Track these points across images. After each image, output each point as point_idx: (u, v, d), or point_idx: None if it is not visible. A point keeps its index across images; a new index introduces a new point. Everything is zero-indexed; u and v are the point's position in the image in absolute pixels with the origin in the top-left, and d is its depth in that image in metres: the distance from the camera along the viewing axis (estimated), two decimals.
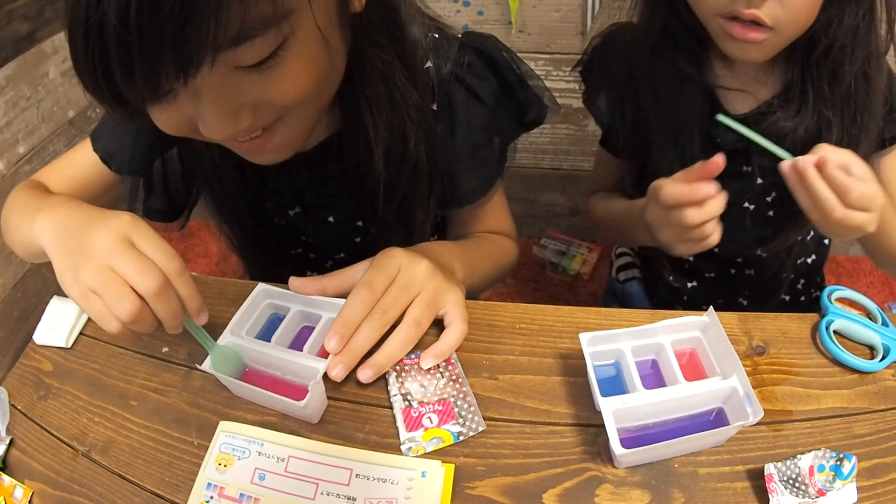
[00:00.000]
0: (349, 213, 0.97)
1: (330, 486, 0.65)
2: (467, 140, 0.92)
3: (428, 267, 0.78)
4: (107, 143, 0.96)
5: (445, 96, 0.89)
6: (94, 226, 0.68)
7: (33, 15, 2.02)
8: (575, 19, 1.73)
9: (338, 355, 0.72)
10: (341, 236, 1.01)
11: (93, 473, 0.72)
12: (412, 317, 0.75)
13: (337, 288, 0.80)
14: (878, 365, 0.74)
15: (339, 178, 0.92)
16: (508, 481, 0.65)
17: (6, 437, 0.78)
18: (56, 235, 0.73)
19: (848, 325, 0.78)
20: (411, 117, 0.84)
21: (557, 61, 1.79)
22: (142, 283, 0.65)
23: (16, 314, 2.04)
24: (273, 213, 0.99)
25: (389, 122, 0.83)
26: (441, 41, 0.89)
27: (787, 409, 0.70)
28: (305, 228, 1.03)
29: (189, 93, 0.62)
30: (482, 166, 0.96)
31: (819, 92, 0.89)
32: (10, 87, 1.96)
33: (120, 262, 0.65)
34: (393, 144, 0.84)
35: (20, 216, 0.83)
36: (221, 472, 0.67)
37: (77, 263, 0.67)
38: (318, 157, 0.90)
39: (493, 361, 0.76)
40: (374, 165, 0.85)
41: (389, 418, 0.72)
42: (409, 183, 0.89)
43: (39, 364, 0.86)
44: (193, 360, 0.80)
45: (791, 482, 0.62)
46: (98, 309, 0.66)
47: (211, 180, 0.94)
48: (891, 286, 2.09)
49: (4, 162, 1.97)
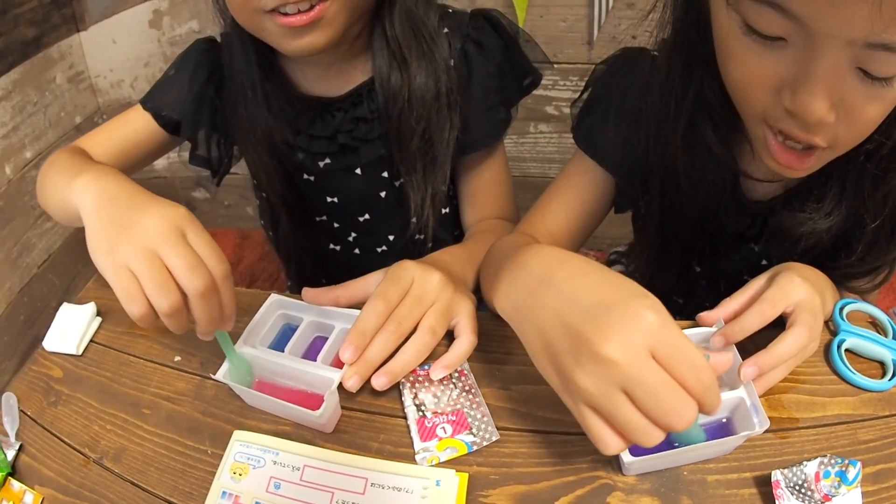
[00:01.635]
0: (376, 158, 1.04)
1: (345, 494, 0.66)
2: (479, 87, 1.02)
3: (441, 279, 0.79)
4: (158, 103, 1.05)
5: (461, 51, 1.01)
6: (146, 206, 0.68)
7: (40, 20, 2.04)
8: (581, 29, 1.75)
9: (353, 365, 0.73)
10: (367, 191, 1.08)
11: (105, 481, 0.73)
12: (427, 325, 0.76)
13: (350, 298, 0.81)
14: (888, 384, 0.74)
15: (369, 119, 1.01)
16: (521, 490, 0.66)
17: (15, 443, 0.78)
18: (97, 200, 0.73)
19: (859, 343, 0.77)
20: (437, 63, 0.96)
21: (564, 70, 1.82)
22: (190, 282, 0.65)
23: (22, 318, 2.06)
24: (305, 165, 1.06)
25: (419, 65, 0.95)
26: (453, 13, 1.03)
27: (794, 417, 0.71)
28: (333, 184, 1.08)
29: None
30: (491, 114, 1.04)
31: (859, 192, 0.78)
32: (17, 91, 1.99)
33: (171, 253, 0.65)
34: (422, 84, 0.96)
35: (59, 175, 0.85)
36: (237, 480, 0.68)
37: (117, 235, 0.67)
38: (352, 100, 1.01)
39: (506, 372, 0.77)
40: (404, 103, 0.96)
41: (403, 428, 0.73)
42: (433, 118, 0.98)
43: (49, 370, 0.87)
44: (206, 370, 0.81)
45: (797, 488, 0.62)
46: (127, 287, 0.65)
47: (248, 134, 1.00)
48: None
49: (11, 167, 2.00)
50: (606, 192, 0.99)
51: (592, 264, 0.63)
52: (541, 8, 1.74)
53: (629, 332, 0.54)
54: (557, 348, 0.59)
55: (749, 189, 0.88)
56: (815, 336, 0.71)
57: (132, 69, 2.24)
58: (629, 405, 0.54)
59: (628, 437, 0.55)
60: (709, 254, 0.94)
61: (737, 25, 0.62)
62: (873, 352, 0.77)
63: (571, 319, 0.57)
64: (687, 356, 0.53)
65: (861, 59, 0.56)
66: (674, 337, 0.54)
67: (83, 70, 2.27)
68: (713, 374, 0.55)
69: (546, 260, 0.66)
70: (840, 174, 0.77)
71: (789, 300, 0.69)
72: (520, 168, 2.07)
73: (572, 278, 0.61)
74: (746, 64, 0.64)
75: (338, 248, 1.17)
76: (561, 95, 1.86)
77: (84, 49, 2.24)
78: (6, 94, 1.95)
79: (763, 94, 0.65)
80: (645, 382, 0.53)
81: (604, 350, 0.53)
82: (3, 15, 1.89)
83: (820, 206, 0.79)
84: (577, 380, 0.56)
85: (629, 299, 0.56)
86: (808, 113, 0.60)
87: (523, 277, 0.66)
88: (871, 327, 0.80)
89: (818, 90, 0.59)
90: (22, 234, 2.06)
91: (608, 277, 0.60)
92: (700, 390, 0.54)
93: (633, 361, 0.53)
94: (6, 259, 1.99)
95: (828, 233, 0.80)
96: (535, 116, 1.95)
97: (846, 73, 0.58)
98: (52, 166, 0.91)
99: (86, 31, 2.20)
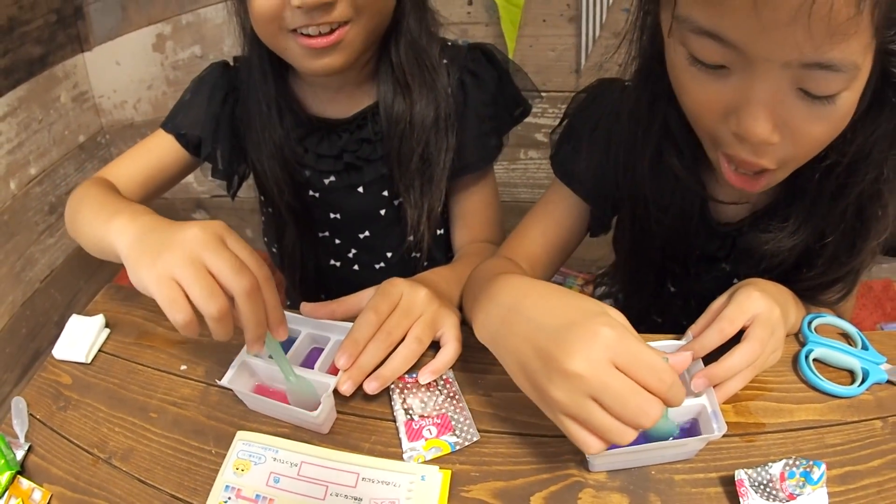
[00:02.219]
0: (378, 177, 1.10)
1: (338, 487, 0.71)
2: (474, 114, 1.08)
3: (427, 294, 0.85)
4: (178, 124, 1.12)
5: (459, 80, 1.07)
6: (184, 226, 0.71)
7: (46, 39, 2.07)
8: (569, 58, 1.79)
9: (347, 371, 0.78)
10: (368, 208, 1.14)
11: (112, 478, 0.77)
12: (414, 335, 0.81)
13: (345, 312, 0.87)
14: (857, 390, 0.77)
15: (372, 141, 1.07)
16: (500, 485, 0.71)
17: (24, 444, 0.82)
18: (136, 235, 0.76)
19: (827, 353, 0.81)
20: (437, 91, 1.03)
21: (553, 98, 1.86)
22: (237, 283, 0.67)
23: (24, 331, 2.08)
24: (311, 181, 1.12)
25: (420, 92, 1.02)
26: (453, 46, 1.10)
27: (760, 422, 0.74)
28: (337, 201, 1.15)
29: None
30: (484, 140, 1.11)
31: (820, 209, 0.81)
32: (23, 108, 2.01)
33: (215, 257, 0.67)
34: (423, 109, 1.03)
35: (92, 215, 0.89)
36: (239, 475, 0.73)
37: (159, 251, 0.69)
38: (358, 122, 1.07)
39: (487, 380, 0.82)
40: (405, 126, 1.03)
41: (393, 430, 0.77)
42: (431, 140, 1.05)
43: (58, 377, 0.90)
44: (211, 377, 0.85)
45: (762, 487, 0.66)
46: (170, 295, 0.67)
47: (261, 147, 1.06)
48: (883, 308, 2.09)
49: (16, 182, 2.02)
50: (581, 218, 1.03)
51: (554, 289, 0.70)
52: (530, 38, 1.78)
53: (590, 348, 0.60)
54: (531, 368, 0.65)
55: (717, 212, 0.92)
56: (775, 347, 0.75)
57: (135, 91, 2.28)
58: (600, 411, 0.59)
59: (604, 439, 0.61)
60: (682, 274, 0.99)
61: (683, 57, 0.66)
62: (842, 361, 0.80)
63: (539, 342, 0.64)
64: (645, 361, 0.60)
65: (800, 79, 0.59)
66: (631, 346, 0.60)
67: (87, 90, 2.30)
68: (673, 372, 0.60)
69: (513, 291, 0.73)
70: (802, 195, 0.81)
71: (747, 315, 0.74)
72: (511, 193, 2.11)
73: (536, 305, 0.68)
74: (695, 92, 0.68)
75: (338, 263, 1.23)
76: (550, 123, 1.89)
77: (88, 69, 2.28)
78: (12, 111, 1.97)
79: (712, 121, 0.69)
80: (610, 390, 0.59)
81: (570, 366, 0.60)
82: (9, 32, 1.92)
83: (785, 226, 0.82)
84: (551, 394, 0.62)
85: (588, 319, 0.62)
86: (751, 135, 0.64)
87: (495, 309, 0.73)
88: (841, 339, 0.83)
89: (760, 113, 0.62)
90: (25, 248, 2.08)
91: (568, 301, 0.67)
92: (663, 389, 0.59)
93: (597, 373, 0.59)
94: (9, 273, 2.02)
95: (791, 250, 0.84)
96: (525, 143, 2.00)
97: (787, 94, 0.61)
98: (83, 203, 0.95)
99: (90, 52, 2.24)
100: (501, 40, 1.77)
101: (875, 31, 0.55)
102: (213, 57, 2.06)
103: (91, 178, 1.04)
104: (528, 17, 1.74)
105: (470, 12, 1.80)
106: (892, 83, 0.64)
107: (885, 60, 0.61)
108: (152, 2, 2.07)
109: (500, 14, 1.73)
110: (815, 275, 0.86)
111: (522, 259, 1.00)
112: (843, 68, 0.57)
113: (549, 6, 1.72)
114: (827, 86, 0.59)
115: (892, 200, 0.77)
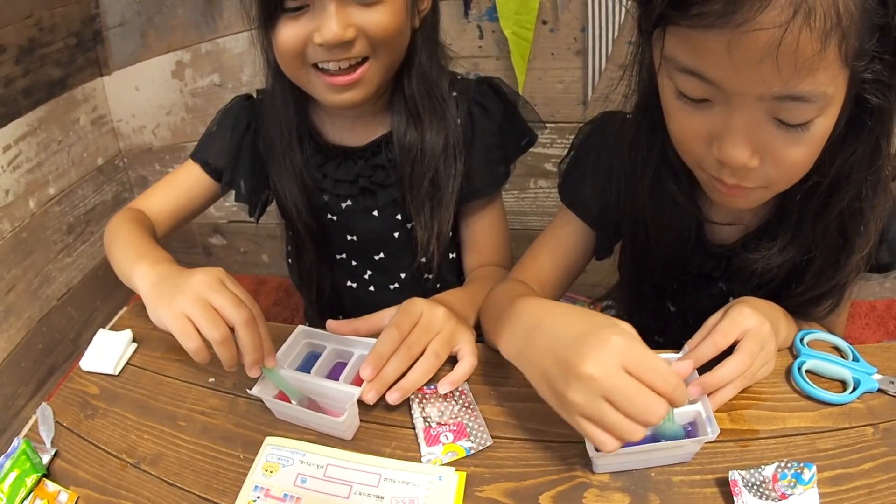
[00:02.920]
0: (391, 201, 1.16)
1: (362, 487, 0.76)
2: (482, 143, 1.15)
3: (445, 312, 0.91)
4: (205, 154, 1.21)
5: (468, 112, 1.14)
6: (192, 273, 0.85)
7: (66, 61, 2.11)
8: (577, 90, 1.83)
9: (371, 382, 0.84)
10: (382, 231, 1.20)
11: (141, 481, 0.81)
12: (432, 350, 0.88)
13: (368, 329, 0.94)
14: (849, 397, 0.80)
15: (386, 167, 1.14)
16: (511, 486, 0.76)
17: (51, 449, 0.85)
18: (154, 282, 0.90)
19: (819, 365, 0.84)
20: (447, 121, 1.10)
21: (561, 129, 1.90)
22: (237, 314, 0.81)
23: (40, 347, 2.10)
24: (329, 205, 1.19)
25: (431, 122, 1.09)
26: (462, 79, 1.17)
27: (754, 429, 0.78)
28: (353, 224, 1.21)
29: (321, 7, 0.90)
30: (492, 167, 1.17)
31: (805, 228, 0.86)
32: (43, 128, 2.05)
33: (217, 296, 0.81)
34: (433, 138, 1.09)
35: (123, 254, 1.00)
36: (268, 476, 0.78)
37: (173, 293, 0.83)
38: (373, 150, 1.14)
39: (500, 392, 0.88)
40: (417, 153, 1.09)
41: (412, 436, 0.83)
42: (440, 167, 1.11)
43: (85, 388, 0.95)
44: (239, 389, 0.90)
45: (756, 488, 0.69)
46: (183, 327, 0.80)
47: (283, 172, 1.13)
48: (886, 326, 2.10)
49: (35, 201, 2.05)
50: (587, 242, 1.10)
51: (570, 308, 0.78)
52: (539, 71, 1.82)
53: (602, 353, 0.66)
54: (551, 375, 0.71)
55: (712, 234, 0.98)
56: (765, 359, 0.81)
57: (154, 116, 2.31)
58: (612, 410, 0.66)
59: (616, 436, 0.67)
60: (680, 293, 1.05)
61: (670, 90, 0.74)
62: (834, 371, 0.84)
63: (558, 352, 0.71)
64: (651, 364, 0.66)
65: (774, 110, 0.66)
66: (639, 352, 0.67)
67: (105, 113, 2.35)
68: (676, 375, 0.67)
69: (534, 311, 0.80)
70: (788, 215, 0.87)
71: (739, 329, 0.80)
72: (521, 221, 2.14)
73: (556, 321, 0.75)
74: (681, 122, 0.76)
75: (354, 285, 1.28)
76: (558, 153, 1.93)
77: (107, 93, 2.33)
78: (32, 131, 2.02)
79: (698, 148, 0.76)
80: (620, 390, 0.65)
81: (584, 369, 0.66)
82: (29, 53, 1.98)
83: (773, 244, 0.88)
84: (568, 397, 0.68)
85: (600, 329, 0.69)
86: (731, 161, 0.71)
87: (519, 327, 0.80)
88: (833, 352, 0.87)
89: (738, 141, 0.70)
90: (43, 266, 2.12)
91: (583, 316, 0.74)
92: (668, 389, 0.65)
93: (608, 375, 0.65)
94: (27, 289, 2.05)
95: (780, 268, 0.90)
96: (535, 173, 2.03)
97: (764, 123, 0.68)
98: (117, 237, 1.07)
99: (109, 76, 2.29)
100: (512, 73, 1.81)
101: (844, 60, 0.61)
102: (232, 86, 2.13)
103: (126, 209, 1.14)
104: (536, 51, 1.78)
105: (481, 46, 1.84)
106: (867, 108, 0.70)
107: (859, 88, 0.67)
108: (172, 30, 2.12)
109: (510, 48, 1.77)
110: (803, 290, 0.91)
111: (533, 282, 1.06)
112: (813, 99, 0.64)
113: (557, 40, 1.75)
114: (800, 115, 0.66)
115: (873, 217, 0.82)
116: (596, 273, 1.19)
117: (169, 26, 2.12)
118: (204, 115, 2.24)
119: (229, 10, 2.01)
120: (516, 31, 1.74)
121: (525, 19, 1.71)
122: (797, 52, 0.59)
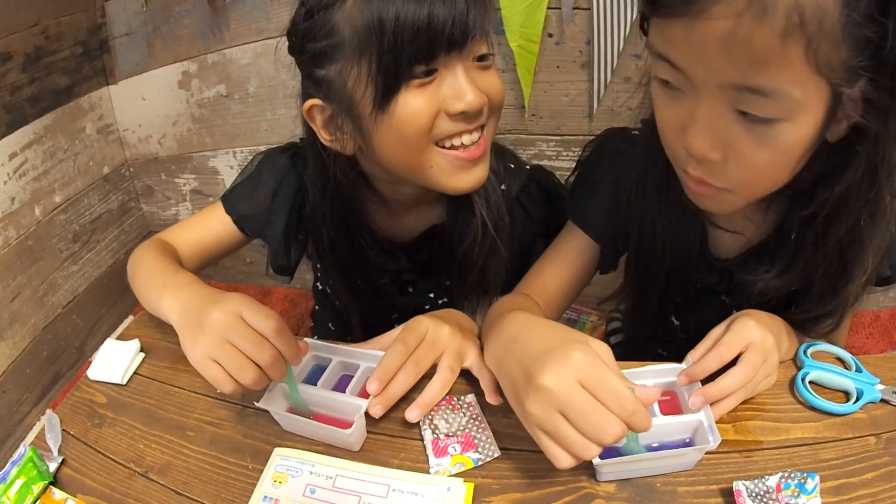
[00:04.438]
0: (428, 286, 1.20)
1: (371, 498, 0.77)
2: (518, 241, 1.15)
3: (450, 329, 0.93)
4: (241, 212, 1.17)
5: (510, 211, 1.11)
6: (210, 305, 0.83)
7: (72, 70, 2.12)
8: (583, 103, 1.81)
9: (377, 396, 0.85)
10: (417, 304, 1.22)
11: (149, 490, 0.81)
12: (446, 365, 0.89)
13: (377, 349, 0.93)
14: (852, 407, 0.81)
15: (429, 262, 1.16)
16: (518, 496, 0.76)
17: (58, 457, 0.86)
18: (181, 315, 0.89)
19: (822, 375, 0.85)
20: (498, 220, 1.08)
21: (567, 142, 1.89)
22: (260, 357, 0.80)
23: (45, 354, 2.11)
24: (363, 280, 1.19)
25: (485, 219, 1.06)
26: (513, 170, 1.14)
27: (758, 440, 0.79)
28: (389, 299, 1.23)
29: (451, 72, 0.86)
30: (526, 262, 1.15)
31: (804, 254, 0.87)
32: (49, 137, 2.05)
33: (238, 338, 0.80)
34: (486, 235, 1.07)
35: (148, 285, 1.00)
36: (277, 487, 0.78)
37: (195, 335, 0.82)
38: (418, 244, 1.15)
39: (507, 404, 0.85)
40: (471, 243, 1.08)
41: (420, 448, 0.83)
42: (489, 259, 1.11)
43: (93, 397, 0.95)
44: (248, 400, 0.90)
45: (760, 498, 0.70)
46: (214, 375, 0.80)
47: (327, 254, 1.14)
48: (890, 336, 2.10)
49: (41, 209, 2.06)
50: (592, 257, 1.10)
51: (551, 325, 0.79)
52: (545, 84, 1.81)
53: (561, 367, 0.68)
54: (517, 385, 0.74)
55: (715, 247, 0.99)
56: (768, 372, 0.82)
57: (160, 126, 2.32)
58: (566, 424, 0.67)
59: (569, 451, 0.68)
60: (684, 307, 1.06)
61: (655, 82, 0.76)
62: (837, 382, 0.85)
63: (525, 363, 0.73)
64: (608, 386, 0.67)
65: (737, 101, 0.67)
66: (598, 370, 0.68)
67: (112, 122, 2.35)
68: (635, 401, 0.67)
69: (518, 324, 0.82)
70: (786, 237, 0.88)
71: (743, 342, 0.81)
72: None
73: (531, 335, 0.77)
74: (661, 112, 0.78)
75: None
76: (564, 165, 1.90)
77: (113, 102, 2.34)
78: (38, 139, 2.03)
79: (672, 138, 0.78)
80: (574, 404, 0.66)
81: (541, 381, 0.68)
82: (36, 61, 1.99)
83: (771, 268, 0.90)
84: (527, 407, 0.70)
85: (566, 344, 0.71)
86: (692, 149, 0.72)
87: (501, 339, 0.82)
88: (836, 362, 0.88)
89: (700, 130, 0.71)
90: (48, 274, 2.13)
91: (559, 332, 0.76)
92: (624, 414, 0.66)
93: (564, 389, 0.67)
94: (32, 296, 2.06)
95: (779, 290, 0.91)
96: None
97: (727, 114, 0.69)
98: (141, 267, 1.05)
99: (115, 86, 2.30)
100: (517, 86, 1.81)
101: (815, 67, 0.62)
102: (238, 97, 2.13)
103: (152, 240, 1.12)
104: (542, 64, 1.78)
105: None
106: (857, 131, 0.71)
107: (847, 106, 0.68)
108: (178, 40, 2.13)
109: (516, 61, 1.77)
110: (803, 311, 0.92)
111: (538, 295, 1.07)
112: (773, 95, 0.64)
113: (563, 53, 1.75)
114: (762, 109, 0.66)
115: (871, 245, 0.82)
116: (603, 286, 1.20)
117: (175, 36, 2.12)
118: (210, 125, 2.24)
119: (236, 20, 2.01)
120: (522, 43, 1.74)
121: (531, 32, 1.71)
122: (751, 44, 0.61)
